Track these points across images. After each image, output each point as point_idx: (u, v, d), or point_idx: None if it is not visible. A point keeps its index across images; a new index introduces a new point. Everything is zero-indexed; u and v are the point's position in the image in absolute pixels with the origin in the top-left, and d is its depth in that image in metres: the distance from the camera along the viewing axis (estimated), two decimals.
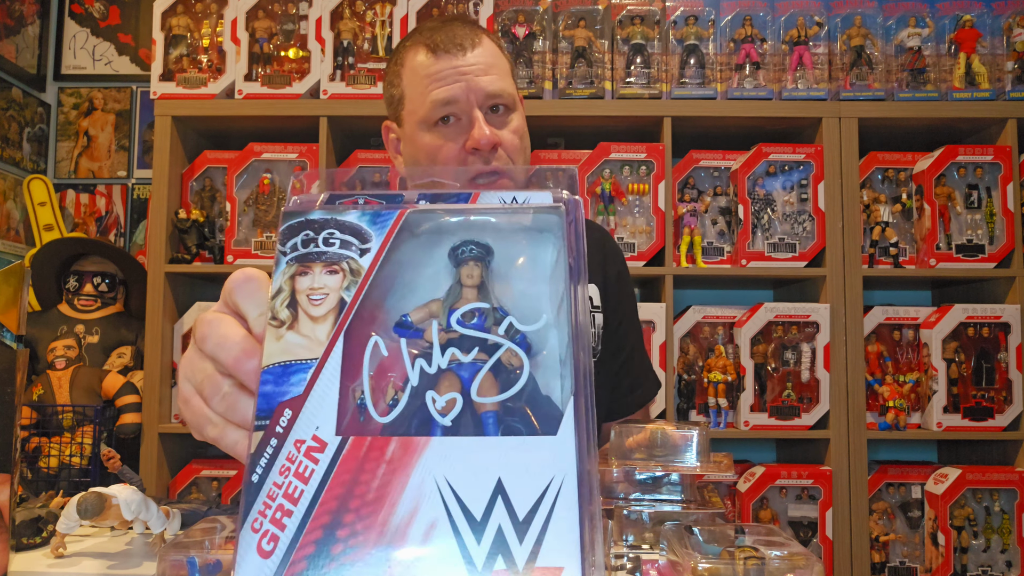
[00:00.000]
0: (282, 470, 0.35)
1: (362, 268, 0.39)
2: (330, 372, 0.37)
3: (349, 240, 0.40)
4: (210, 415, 0.44)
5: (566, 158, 2.22)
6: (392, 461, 0.35)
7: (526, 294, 0.39)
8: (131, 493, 0.95)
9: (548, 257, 0.39)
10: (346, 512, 0.34)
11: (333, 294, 0.39)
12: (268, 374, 0.37)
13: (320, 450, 0.36)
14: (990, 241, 2.14)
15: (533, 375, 0.37)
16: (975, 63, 2.18)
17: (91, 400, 1.98)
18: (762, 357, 2.12)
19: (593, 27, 2.24)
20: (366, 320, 0.38)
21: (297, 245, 0.40)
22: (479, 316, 0.38)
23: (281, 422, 0.36)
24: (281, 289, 0.39)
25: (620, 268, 1.35)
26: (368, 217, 0.40)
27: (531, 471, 0.35)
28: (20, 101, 2.56)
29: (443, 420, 0.36)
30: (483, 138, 1.09)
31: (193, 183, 2.24)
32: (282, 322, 0.38)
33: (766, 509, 2.06)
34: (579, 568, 0.33)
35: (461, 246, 0.40)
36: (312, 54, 2.20)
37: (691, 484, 0.87)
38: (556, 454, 0.35)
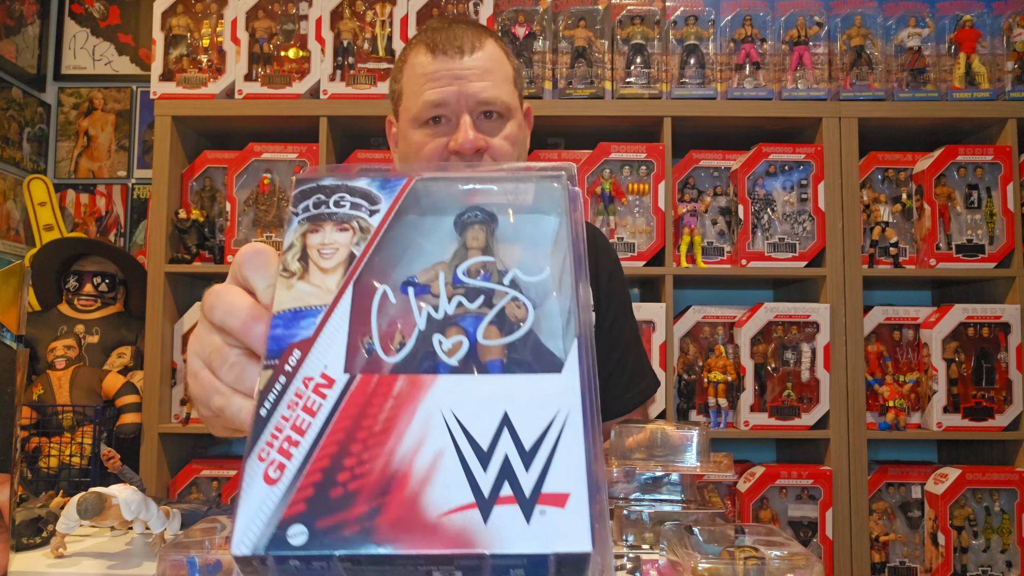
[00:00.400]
0: (290, 405, 0.36)
1: (372, 226, 0.41)
2: (339, 317, 0.38)
3: (359, 202, 0.42)
4: (217, 385, 0.45)
5: (566, 158, 2.22)
6: (399, 396, 0.36)
7: (529, 254, 0.40)
8: (131, 493, 0.95)
9: (551, 220, 0.41)
10: (353, 442, 0.35)
11: (343, 248, 0.40)
12: (278, 319, 0.39)
13: (328, 386, 0.36)
14: (990, 241, 2.14)
15: (537, 323, 0.38)
16: (975, 63, 2.18)
17: (91, 400, 1.98)
18: (762, 357, 2.12)
19: (593, 27, 2.24)
20: (375, 273, 0.40)
21: (309, 207, 0.42)
22: (483, 271, 0.40)
23: (290, 361, 0.37)
24: (293, 244, 0.40)
25: (613, 267, 1.34)
26: (378, 183, 0.42)
27: (537, 405, 0.35)
28: (20, 101, 2.56)
29: (449, 360, 0.37)
30: (466, 142, 1.10)
31: (193, 183, 2.24)
32: (293, 273, 0.40)
33: (766, 509, 2.06)
34: (585, 494, 0.33)
35: (466, 212, 0.41)
36: (312, 54, 2.20)
37: (691, 484, 0.87)
38: (561, 389, 0.36)
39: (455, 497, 0.33)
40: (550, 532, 0.32)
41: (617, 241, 2.15)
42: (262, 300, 0.44)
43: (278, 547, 0.33)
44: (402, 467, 0.34)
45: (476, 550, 0.32)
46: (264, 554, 0.33)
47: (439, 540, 0.33)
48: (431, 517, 0.33)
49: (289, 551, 0.33)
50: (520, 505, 0.33)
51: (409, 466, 0.34)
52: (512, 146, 1.16)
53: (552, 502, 0.33)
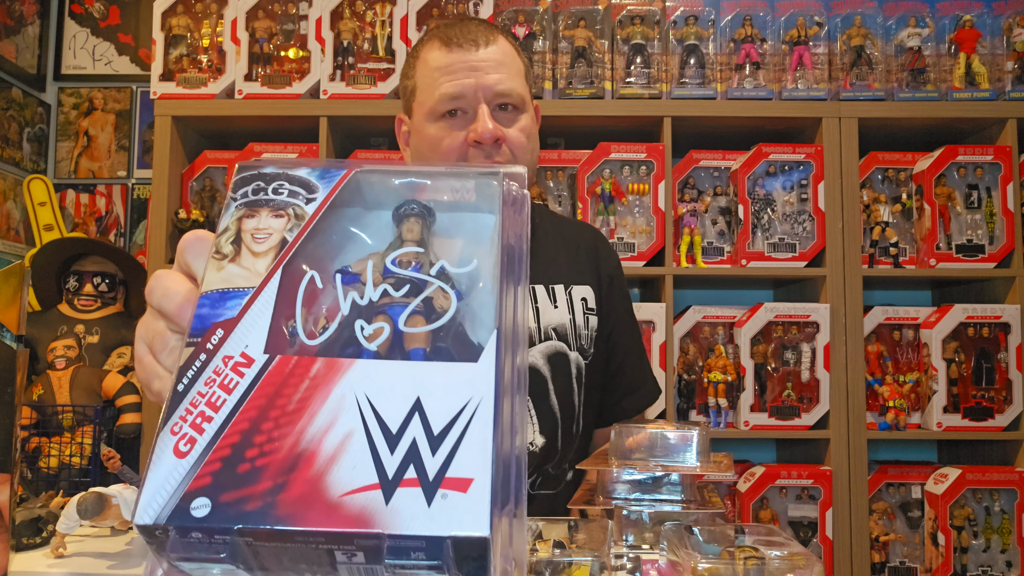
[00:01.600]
0: (207, 381, 0.37)
1: (307, 214, 0.41)
2: (265, 300, 0.39)
3: (297, 190, 0.42)
4: (158, 369, 0.46)
5: (566, 158, 2.22)
6: (315, 378, 0.36)
7: (462, 248, 0.41)
8: (131, 493, 0.95)
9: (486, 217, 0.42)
10: (265, 420, 0.35)
11: (276, 234, 0.41)
12: (206, 299, 0.39)
13: (247, 365, 0.37)
14: (990, 241, 2.14)
15: (460, 313, 0.39)
16: (975, 63, 2.18)
17: (91, 400, 1.98)
18: (762, 357, 2.12)
19: (593, 27, 2.24)
20: (305, 259, 0.40)
21: (248, 193, 0.42)
22: (414, 262, 0.40)
23: (212, 340, 0.38)
24: (227, 228, 0.41)
25: (614, 271, 1.33)
26: (317, 173, 0.43)
27: (449, 391, 0.36)
28: (20, 101, 2.56)
29: (369, 346, 0.38)
30: (486, 132, 1.10)
31: (193, 183, 2.24)
32: (224, 255, 0.40)
33: (766, 509, 2.06)
34: (489, 480, 0.34)
35: (403, 205, 0.42)
36: (312, 54, 2.20)
37: (691, 484, 0.87)
38: (475, 378, 0.36)
39: (359, 477, 0.34)
40: (449, 516, 0.33)
41: (617, 241, 2.15)
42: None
43: (180, 519, 0.33)
44: (310, 446, 0.34)
45: (374, 530, 0.33)
46: (165, 524, 0.33)
47: (339, 519, 0.33)
48: (333, 496, 0.33)
49: (191, 523, 0.33)
50: (423, 488, 0.33)
51: (318, 445, 0.34)
52: (527, 139, 1.16)
53: (455, 486, 0.33)
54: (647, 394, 1.33)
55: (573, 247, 1.30)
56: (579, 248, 1.31)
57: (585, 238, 1.33)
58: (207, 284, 0.40)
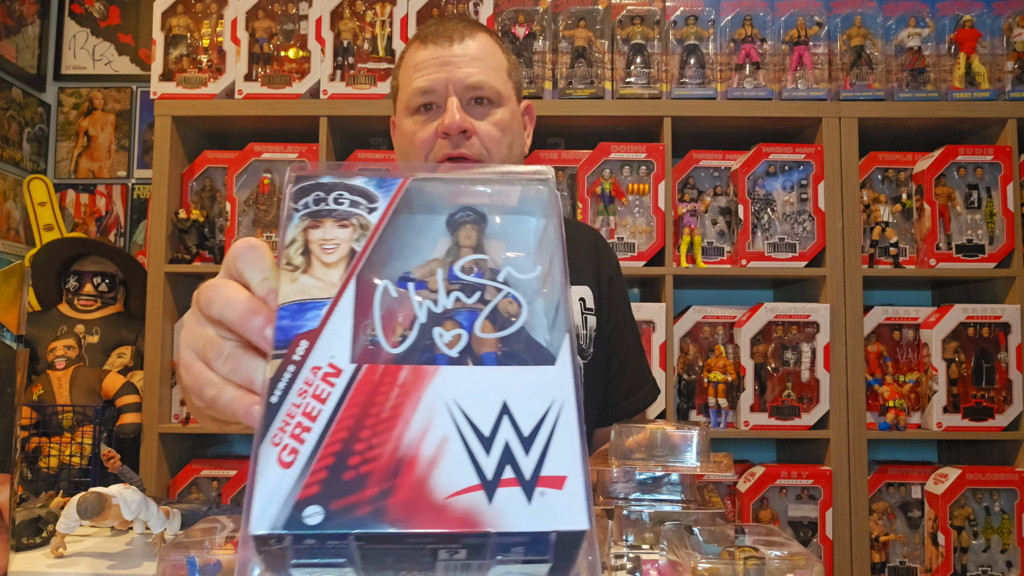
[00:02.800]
0: (300, 392, 0.38)
1: (371, 223, 0.43)
2: (343, 310, 0.40)
3: (358, 200, 0.43)
4: (210, 377, 0.46)
5: (566, 158, 2.22)
6: (404, 385, 0.38)
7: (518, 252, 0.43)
8: (131, 493, 0.95)
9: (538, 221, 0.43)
10: (362, 428, 0.37)
11: (344, 244, 0.42)
12: (284, 311, 0.40)
13: (336, 375, 0.38)
14: (990, 241, 2.14)
15: (533, 313, 0.40)
16: (975, 63, 2.18)
17: (91, 400, 1.98)
18: (762, 357, 2.12)
19: (593, 27, 2.24)
20: (375, 268, 0.42)
21: (309, 203, 0.43)
22: (477, 269, 0.42)
23: (298, 351, 0.39)
24: (295, 240, 0.42)
25: (613, 272, 1.33)
26: (375, 182, 0.44)
27: (533, 395, 0.38)
28: (20, 101, 2.56)
29: (450, 352, 0.39)
30: (452, 123, 1.11)
31: (193, 183, 2.24)
32: (296, 267, 0.41)
33: (766, 509, 2.06)
34: (582, 477, 0.36)
35: (458, 212, 0.43)
36: (312, 54, 2.20)
37: (691, 484, 0.87)
38: (556, 381, 0.38)
39: (461, 480, 0.35)
40: (551, 511, 0.35)
41: (617, 241, 2.15)
42: (257, 293, 0.45)
43: (295, 526, 0.34)
44: (410, 451, 0.36)
45: (482, 528, 0.34)
46: (282, 532, 0.34)
47: (448, 519, 0.34)
48: (439, 498, 0.35)
49: (305, 530, 0.34)
50: (522, 487, 0.35)
51: (416, 451, 0.36)
52: (502, 132, 1.16)
53: (551, 484, 0.35)
54: (647, 395, 1.34)
55: (573, 247, 1.30)
56: (579, 249, 1.31)
57: (585, 239, 1.34)
58: (283, 296, 0.41)
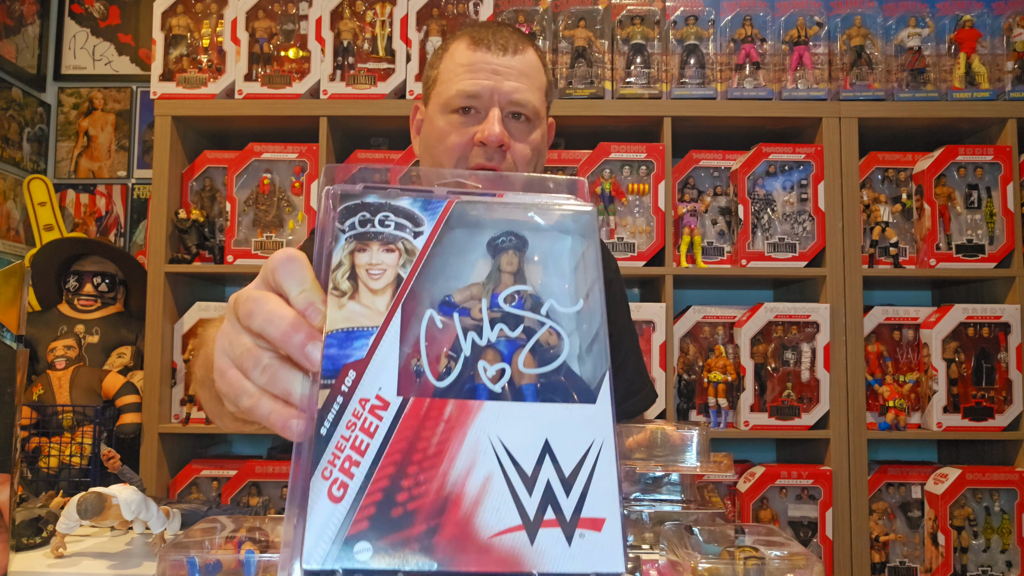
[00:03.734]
0: (349, 424, 0.38)
1: (416, 249, 0.43)
2: (390, 340, 0.41)
3: (403, 223, 0.44)
4: (246, 386, 0.46)
5: (566, 158, 2.22)
6: (449, 420, 0.39)
7: (559, 282, 0.43)
8: (131, 493, 0.95)
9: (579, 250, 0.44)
10: (409, 464, 0.38)
11: (391, 270, 0.42)
12: (332, 338, 0.41)
13: (383, 408, 0.39)
14: (990, 241, 2.14)
15: (575, 349, 0.41)
16: (975, 63, 2.18)
17: (91, 400, 1.98)
18: (762, 357, 2.12)
19: (593, 27, 2.24)
20: (420, 296, 0.42)
21: (355, 224, 0.44)
22: (519, 298, 0.42)
23: (346, 382, 0.39)
24: (342, 263, 0.42)
25: (613, 276, 1.34)
26: (420, 204, 0.44)
27: (574, 434, 0.39)
28: (20, 101, 2.56)
29: (494, 387, 0.40)
30: (492, 134, 1.10)
31: (193, 183, 2.24)
32: (343, 292, 0.42)
33: (766, 509, 2.06)
34: (619, 520, 0.37)
35: (500, 236, 0.44)
36: (312, 54, 2.20)
37: (691, 484, 0.87)
38: (596, 420, 0.39)
39: (504, 519, 0.37)
40: (590, 554, 0.36)
41: (617, 241, 2.15)
42: (295, 305, 0.45)
43: (346, 561, 0.36)
44: (455, 489, 0.37)
45: (525, 569, 0.36)
46: (334, 568, 0.35)
47: (492, 559, 0.36)
48: (483, 537, 0.36)
49: (356, 565, 0.35)
50: (562, 528, 0.37)
51: (462, 488, 0.37)
52: (533, 152, 1.17)
53: (590, 526, 0.37)
54: (646, 397, 1.36)
55: None
56: None
57: None
58: (331, 323, 0.41)
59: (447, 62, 1.18)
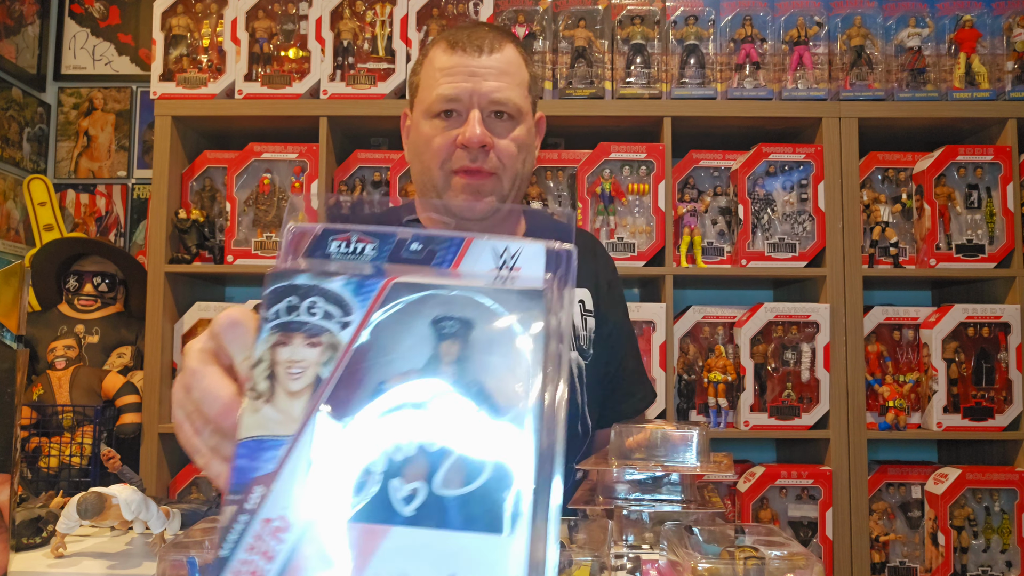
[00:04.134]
0: (248, 548, 0.36)
1: (341, 343, 0.39)
2: (300, 452, 0.38)
3: (331, 311, 0.40)
4: (199, 446, 0.46)
5: (566, 158, 2.22)
6: (353, 548, 0.36)
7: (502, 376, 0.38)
8: (131, 493, 0.95)
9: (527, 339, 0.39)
10: None
11: (311, 368, 0.39)
12: (243, 447, 0.38)
13: (285, 531, 0.36)
14: (990, 241, 2.14)
15: (499, 466, 0.37)
16: (975, 63, 2.18)
17: (91, 400, 1.98)
18: (762, 357, 2.12)
19: (593, 27, 2.24)
20: (340, 400, 0.39)
21: (280, 312, 0.40)
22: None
23: (252, 499, 0.37)
24: (262, 359, 0.39)
25: (611, 277, 1.36)
26: (353, 286, 0.40)
27: (481, 569, 0.35)
28: (20, 101, 2.56)
29: (405, 510, 0.36)
30: (473, 137, 1.12)
31: (193, 183, 2.24)
32: (260, 394, 0.39)
33: (766, 509, 2.06)
34: None
35: (443, 319, 0.39)
36: (312, 54, 2.20)
37: (691, 484, 0.87)
38: (509, 555, 0.35)
39: None
40: None
41: (617, 241, 2.15)
42: (239, 371, 0.44)
43: None
44: None
45: None
46: None
47: None
48: None
49: None
50: None
51: None
52: (518, 149, 1.17)
53: None
54: (645, 397, 1.37)
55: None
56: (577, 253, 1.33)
57: (583, 243, 1.37)
58: (244, 430, 0.38)
59: (427, 68, 1.19)
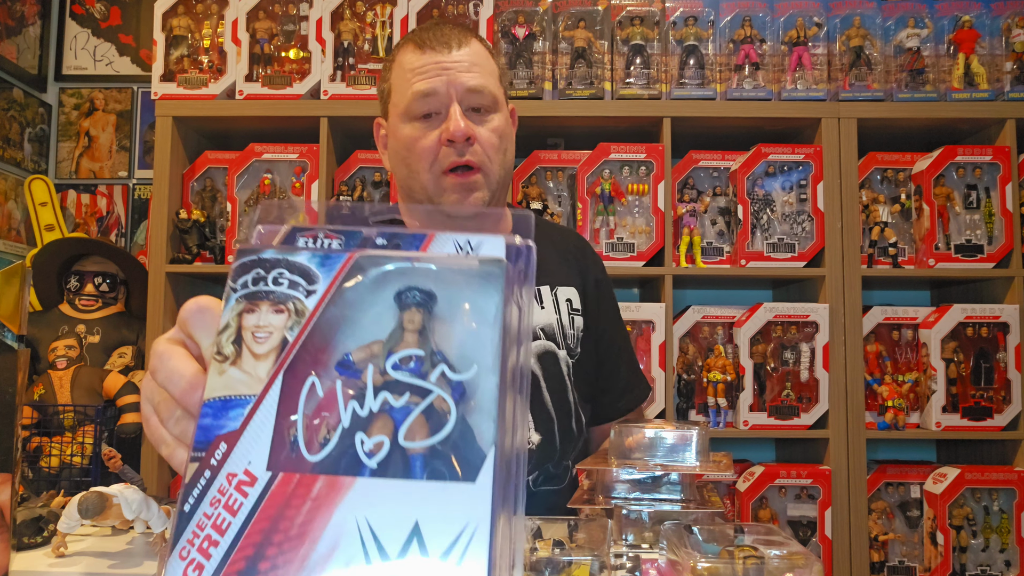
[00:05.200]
0: (213, 501, 0.37)
1: (307, 309, 0.40)
2: (267, 409, 0.38)
3: (297, 280, 0.41)
4: (165, 436, 0.47)
5: (566, 158, 2.22)
6: (317, 499, 0.37)
7: (464, 341, 0.40)
8: (132, 492, 0.96)
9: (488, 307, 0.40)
10: (269, 545, 0.36)
11: (277, 332, 0.40)
12: (208, 407, 0.39)
13: (250, 484, 0.37)
14: (989, 241, 2.14)
15: (462, 420, 0.38)
16: (974, 63, 2.19)
17: (92, 400, 1.98)
18: (761, 357, 2.13)
19: (593, 28, 2.24)
20: (306, 360, 0.39)
21: (248, 283, 0.41)
22: (416, 361, 0.39)
23: (216, 455, 0.38)
24: (228, 325, 0.40)
25: (600, 276, 1.37)
26: (318, 259, 0.42)
27: (448, 516, 0.36)
28: (21, 101, 2.56)
29: (370, 462, 0.37)
30: (457, 130, 1.12)
31: (194, 183, 2.25)
32: (226, 357, 0.40)
33: (765, 508, 2.06)
34: None
35: (405, 291, 0.41)
36: (312, 55, 2.20)
37: (691, 484, 0.87)
38: (473, 501, 0.36)
39: None
40: None
41: (617, 241, 2.15)
42: (206, 357, 0.45)
43: None
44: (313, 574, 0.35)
45: None
46: None
47: None
48: None
49: None
50: None
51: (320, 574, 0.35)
52: (499, 139, 1.18)
53: None
54: (641, 392, 1.38)
55: (560, 251, 1.35)
56: (565, 252, 1.35)
57: (571, 243, 1.38)
58: (209, 390, 0.39)
59: (397, 71, 1.19)
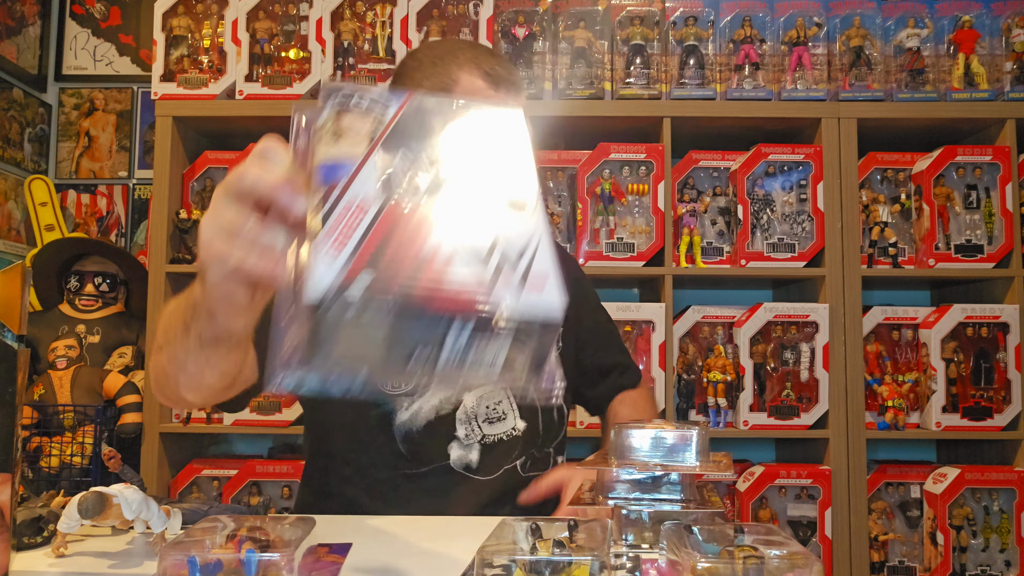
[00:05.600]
0: (339, 216, 0.50)
1: (388, 115, 0.57)
2: (370, 168, 0.53)
3: (376, 100, 0.58)
4: (233, 250, 0.56)
5: (566, 158, 2.22)
6: (416, 223, 0.51)
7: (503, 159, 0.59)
8: (132, 492, 0.96)
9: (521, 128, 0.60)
10: (391, 240, 0.49)
11: (368, 126, 0.56)
12: (323, 165, 0.53)
13: (364, 212, 0.51)
14: (989, 241, 2.14)
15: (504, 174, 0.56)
16: (974, 63, 2.19)
17: (92, 400, 1.98)
18: (761, 357, 2.13)
19: (593, 28, 2.24)
20: (391, 143, 0.56)
21: (339, 98, 0.58)
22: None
23: (336, 191, 0.52)
24: (327, 120, 0.56)
25: (578, 274, 1.44)
26: (387, 95, 0.59)
27: (515, 232, 0.52)
28: (21, 101, 2.56)
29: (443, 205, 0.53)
30: None
31: (194, 183, 2.25)
32: (335, 135, 0.55)
33: (765, 508, 2.07)
34: (556, 285, 0.50)
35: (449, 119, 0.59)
36: (313, 55, 2.20)
37: (691, 483, 0.87)
38: (533, 222, 0.53)
39: (467, 279, 0.49)
40: (534, 306, 0.49)
41: (616, 241, 2.15)
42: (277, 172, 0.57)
43: (342, 292, 0.46)
44: (428, 256, 0.49)
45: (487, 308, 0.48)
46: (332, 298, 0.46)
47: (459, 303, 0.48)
48: (451, 288, 0.48)
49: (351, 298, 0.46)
50: (511, 289, 0.49)
51: (433, 256, 0.49)
52: None
53: (534, 288, 0.50)
54: (633, 373, 1.44)
55: None
56: None
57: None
58: (322, 156, 0.54)
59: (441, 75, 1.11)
